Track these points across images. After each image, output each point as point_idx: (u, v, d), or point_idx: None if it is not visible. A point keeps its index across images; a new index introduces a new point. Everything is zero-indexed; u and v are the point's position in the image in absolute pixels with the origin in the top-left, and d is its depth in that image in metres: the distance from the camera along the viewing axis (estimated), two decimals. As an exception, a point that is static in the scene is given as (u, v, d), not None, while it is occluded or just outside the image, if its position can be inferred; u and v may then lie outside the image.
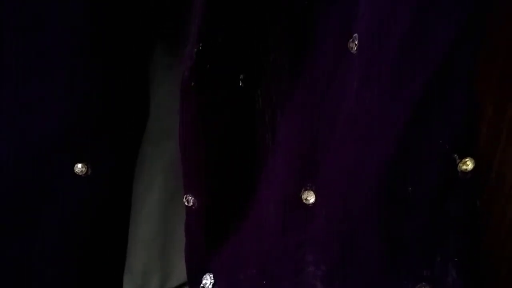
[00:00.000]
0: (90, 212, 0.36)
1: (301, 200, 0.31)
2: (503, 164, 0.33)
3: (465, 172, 0.28)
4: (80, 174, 0.35)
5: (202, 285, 0.36)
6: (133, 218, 0.45)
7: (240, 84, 0.31)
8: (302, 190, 0.31)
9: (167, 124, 0.42)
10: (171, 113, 0.36)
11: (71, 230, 0.36)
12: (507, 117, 0.32)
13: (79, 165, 0.35)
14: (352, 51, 0.28)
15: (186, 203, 0.34)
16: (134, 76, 0.38)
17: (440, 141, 0.27)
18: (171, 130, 0.36)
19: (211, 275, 0.36)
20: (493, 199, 0.34)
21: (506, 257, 0.35)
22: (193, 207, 0.34)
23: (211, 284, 0.36)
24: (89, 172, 0.35)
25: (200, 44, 0.29)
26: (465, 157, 0.28)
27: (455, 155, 0.28)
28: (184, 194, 0.34)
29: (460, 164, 0.28)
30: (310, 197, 0.31)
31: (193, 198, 0.34)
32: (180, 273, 0.52)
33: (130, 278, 0.49)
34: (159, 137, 0.45)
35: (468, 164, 0.28)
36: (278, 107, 0.32)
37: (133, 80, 0.38)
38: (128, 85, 0.37)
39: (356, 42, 0.28)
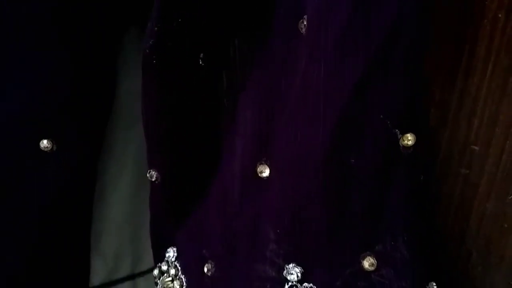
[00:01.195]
0: (55, 188, 0.38)
1: (257, 173, 0.33)
2: (451, 143, 0.35)
3: (407, 147, 0.30)
4: (46, 150, 0.36)
5: (166, 258, 0.38)
6: (105, 201, 0.47)
7: (200, 62, 0.33)
8: (258, 164, 0.33)
9: (138, 108, 0.44)
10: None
11: (36, 206, 0.37)
12: (453, 99, 0.34)
13: (45, 141, 0.36)
14: (302, 31, 0.30)
15: (149, 178, 0.36)
16: (100, 56, 0.39)
17: (381, 116, 0.29)
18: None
19: (174, 249, 0.37)
20: (442, 177, 0.36)
21: (455, 234, 0.36)
22: (156, 182, 0.35)
23: (174, 257, 0.37)
24: (54, 149, 0.37)
25: (159, 24, 0.30)
26: (406, 132, 0.30)
27: (396, 130, 0.30)
28: (148, 169, 0.36)
29: (401, 140, 0.30)
30: (265, 170, 0.33)
31: (156, 173, 0.35)
32: (151, 257, 0.54)
33: (102, 261, 0.50)
34: (130, 121, 0.46)
35: (409, 139, 0.30)
36: (237, 85, 0.33)
37: (99, 60, 0.39)
38: (94, 64, 0.38)
39: (305, 23, 0.30)
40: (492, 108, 0.33)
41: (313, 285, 0.31)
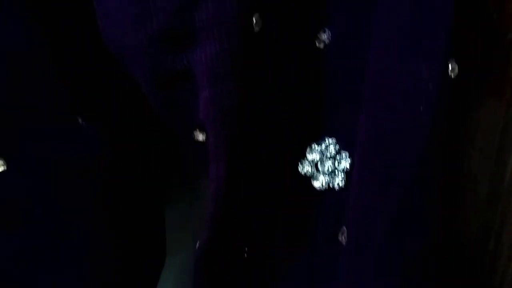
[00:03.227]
0: None
1: None
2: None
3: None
4: None
5: None
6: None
7: (245, 255, 0.35)
8: None
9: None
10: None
11: None
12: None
13: None
14: (342, 242, 0.33)
15: None
16: (151, 236, 0.42)
17: None
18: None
19: None
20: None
21: None
22: None
23: None
24: None
25: (214, 232, 0.33)
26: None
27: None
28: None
29: None
30: None
31: None
32: None
33: None
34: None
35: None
36: (279, 273, 0.36)
37: (150, 240, 0.42)
38: (144, 232, 0.41)
39: (345, 235, 0.32)
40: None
41: None
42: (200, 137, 0.32)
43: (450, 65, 0.29)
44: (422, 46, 0.29)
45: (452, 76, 0.29)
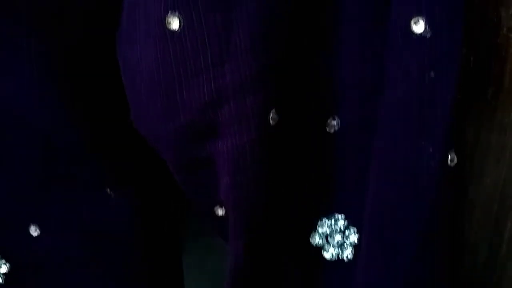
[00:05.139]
0: None
1: None
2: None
3: None
4: None
5: None
6: None
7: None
8: None
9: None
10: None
11: None
12: None
13: None
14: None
15: None
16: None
17: None
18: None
19: None
20: None
21: None
22: None
23: None
24: None
25: None
26: None
27: None
28: None
29: None
30: None
31: None
32: None
33: None
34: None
35: None
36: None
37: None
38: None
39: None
40: None
41: None
42: (220, 212, 0.35)
43: (449, 156, 0.32)
44: (423, 137, 0.32)
45: (452, 166, 0.32)
